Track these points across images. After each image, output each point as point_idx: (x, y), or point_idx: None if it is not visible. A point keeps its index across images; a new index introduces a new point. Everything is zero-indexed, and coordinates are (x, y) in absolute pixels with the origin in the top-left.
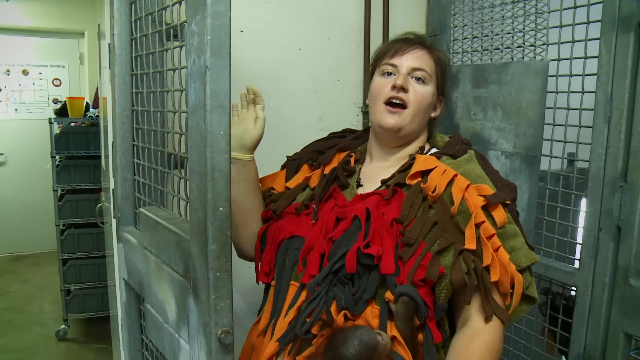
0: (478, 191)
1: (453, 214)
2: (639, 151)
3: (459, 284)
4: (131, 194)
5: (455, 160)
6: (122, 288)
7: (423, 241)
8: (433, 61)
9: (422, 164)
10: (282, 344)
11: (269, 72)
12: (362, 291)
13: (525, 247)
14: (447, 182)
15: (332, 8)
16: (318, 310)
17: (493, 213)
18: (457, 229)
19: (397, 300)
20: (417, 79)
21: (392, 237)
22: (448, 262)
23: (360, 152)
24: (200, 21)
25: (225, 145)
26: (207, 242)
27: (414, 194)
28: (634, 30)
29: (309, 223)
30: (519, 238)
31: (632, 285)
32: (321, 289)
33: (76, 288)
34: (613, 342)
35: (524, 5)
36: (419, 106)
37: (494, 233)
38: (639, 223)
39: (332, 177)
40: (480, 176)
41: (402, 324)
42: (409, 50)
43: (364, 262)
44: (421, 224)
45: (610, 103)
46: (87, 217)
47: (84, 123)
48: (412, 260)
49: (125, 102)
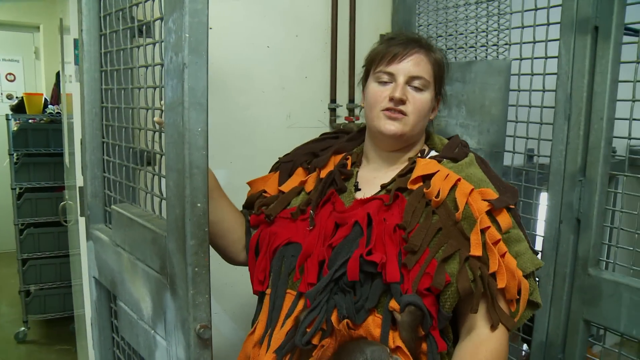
0: (482, 196)
1: (458, 219)
2: (596, 147)
3: (466, 292)
4: (101, 192)
5: (456, 164)
6: (93, 286)
7: (427, 248)
8: (431, 64)
9: (424, 168)
10: (280, 356)
11: (237, 70)
12: (364, 300)
13: (530, 252)
14: (451, 186)
15: (300, 6)
16: (319, 320)
17: (498, 218)
18: (462, 235)
19: (403, 309)
20: (415, 87)
21: (395, 244)
22: (454, 269)
23: (356, 154)
24: (178, 19)
25: (203, 142)
26: (185, 238)
27: (416, 199)
28: (591, 33)
29: (305, 229)
30: (523, 243)
31: (590, 274)
32: (321, 297)
33: (36, 289)
34: (573, 329)
35: (487, 6)
36: (419, 114)
37: (500, 238)
38: (597, 216)
39: (329, 181)
40: (483, 180)
41: (407, 334)
42: (406, 57)
43: (367, 270)
44: (425, 230)
45: (569, 101)
46: (47, 215)
47: (42, 120)
48: (417, 268)
49: (94, 98)
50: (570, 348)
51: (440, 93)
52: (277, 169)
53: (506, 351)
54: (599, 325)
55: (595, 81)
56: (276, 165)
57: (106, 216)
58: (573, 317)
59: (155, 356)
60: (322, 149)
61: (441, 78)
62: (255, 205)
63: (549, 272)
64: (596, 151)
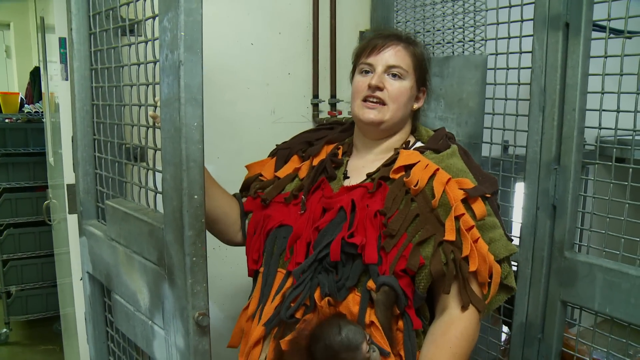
0: (459, 185)
1: (434, 207)
2: (570, 137)
3: (438, 274)
4: (93, 188)
5: (438, 154)
6: (87, 281)
7: (405, 233)
8: (409, 56)
9: (406, 158)
10: (268, 328)
11: (223, 67)
12: (345, 279)
13: (504, 238)
14: (429, 176)
15: (282, 4)
16: (302, 296)
17: (473, 206)
18: (438, 221)
19: (378, 289)
20: (393, 75)
21: (375, 228)
22: (428, 253)
23: (347, 144)
24: (173, 18)
25: (199, 136)
26: (183, 229)
27: (397, 187)
28: (562, 29)
29: (297, 213)
30: (498, 230)
31: (566, 257)
32: (306, 275)
33: (18, 289)
34: (551, 310)
35: (464, 3)
36: (396, 101)
37: (474, 225)
38: (572, 202)
39: (321, 169)
40: (462, 170)
41: (381, 312)
42: (384, 48)
43: (348, 251)
44: (403, 216)
45: (544, 94)
46: (27, 215)
47: (19, 119)
48: (394, 251)
49: (85, 96)
50: (548, 328)
51: (425, 85)
52: (275, 155)
53: (476, 331)
54: (575, 305)
55: (567, 75)
56: (274, 151)
57: (98, 212)
58: (551, 298)
59: (153, 346)
60: (317, 138)
61: (422, 69)
62: (252, 188)
63: (527, 257)
64: (569, 140)
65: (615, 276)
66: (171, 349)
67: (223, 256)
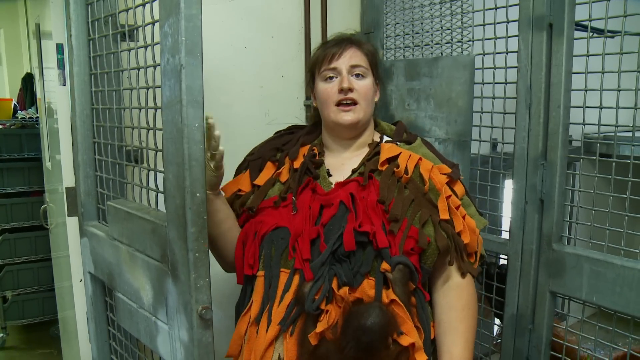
0: (440, 170)
1: (425, 191)
2: (555, 133)
3: (445, 248)
4: (94, 190)
5: (410, 146)
6: (88, 281)
7: (405, 217)
8: (364, 55)
9: (388, 151)
10: (284, 327)
11: (218, 70)
12: (359, 266)
13: (477, 214)
14: (414, 164)
15: (275, 9)
16: (325, 287)
17: (454, 188)
18: (431, 204)
19: (394, 269)
20: (357, 75)
21: (379, 216)
22: (430, 231)
23: (318, 145)
24: (174, 23)
25: (200, 137)
26: (186, 226)
27: (387, 177)
28: (546, 30)
29: (289, 214)
30: (472, 207)
31: (555, 249)
32: (323, 269)
33: (14, 294)
34: (541, 301)
35: (451, 6)
36: (366, 98)
37: (460, 204)
38: (558, 195)
39: (304, 170)
40: (434, 158)
41: (399, 289)
42: (343, 52)
43: (359, 240)
44: (401, 202)
45: (530, 92)
46: (23, 220)
47: (13, 125)
48: (400, 234)
49: (85, 100)
50: (538, 319)
51: (378, 78)
52: (247, 168)
53: (475, 292)
54: (564, 295)
55: (552, 73)
56: (243, 165)
57: (99, 213)
58: (540, 289)
59: (157, 341)
60: (283, 143)
61: (376, 65)
62: (236, 206)
63: (517, 250)
64: (555, 136)
65: (601, 266)
66: (175, 343)
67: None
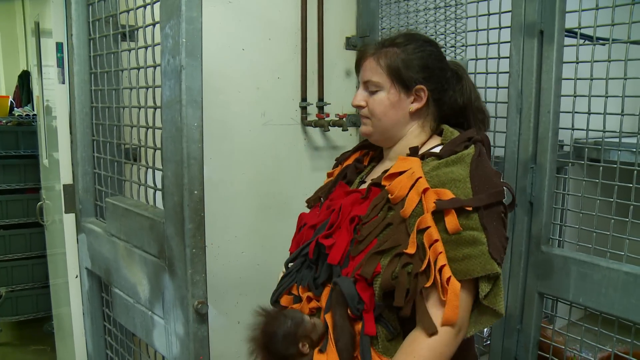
0: (437, 195)
1: (404, 217)
2: (545, 137)
3: (386, 284)
4: (92, 187)
5: (439, 161)
6: (85, 277)
7: (375, 239)
8: (379, 66)
9: (399, 165)
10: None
11: (216, 71)
12: (319, 276)
13: (486, 256)
14: (410, 185)
15: (272, 12)
16: (286, 284)
17: (446, 219)
18: (406, 232)
19: (332, 289)
20: (371, 91)
21: (349, 233)
22: (386, 262)
23: (379, 150)
24: (175, 25)
25: (199, 136)
26: (183, 223)
27: (382, 195)
28: (537, 36)
29: (316, 213)
30: (479, 247)
31: (543, 251)
32: (293, 267)
33: (8, 291)
34: (529, 302)
35: (445, 12)
36: (375, 113)
37: (438, 239)
38: (547, 198)
39: (343, 174)
40: (455, 179)
41: (339, 310)
42: (362, 63)
43: (322, 251)
44: (376, 224)
45: (520, 97)
46: (18, 217)
47: (9, 122)
48: (361, 256)
49: (84, 99)
50: (527, 319)
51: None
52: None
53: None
54: (551, 296)
55: (542, 79)
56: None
57: (97, 210)
58: (529, 290)
59: (153, 335)
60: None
61: (398, 73)
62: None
63: (506, 251)
64: (545, 141)
65: (588, 268)
66: (171, 337)
67: (215, 253)
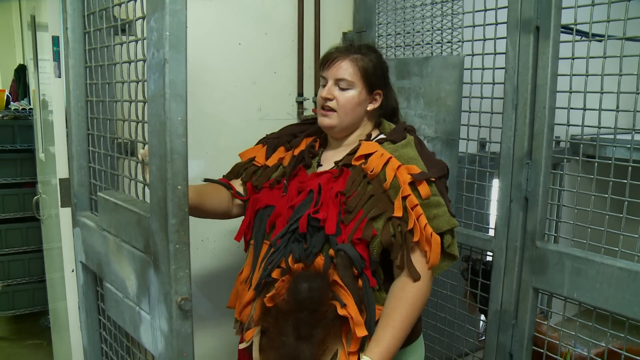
0: (407, 170)
1: (386, 188)
2: (540, 133)
3: (387, 243)
4: (87, 181)
5: (394, 145)
6: (80, 271)
7: (361, 209)
8: (355, 67)
9: (365, 148)
10: (257, 292)
11: (212, 66)
12: (312, 247)
13: (447, 214)
14: (383, 163)
15: (269, 6)
16: (277, 259)
17: (419, 188)
18: (389, 200)
19: (337, 254)
20: (341, 88)
21: (336, 206)
22: (380, 226)
23: (324, 137)
24: (159, 18)
25: (183, 130)
26: (167, 218)
27: (356, 172)
28: (533, 32)
29: (280, 195)
30: (442, 207)
31: (538, 247)
32: (281, 244)
33: (4, 285)
34: (524, 297)
35: (442, 7)
36: (344, 108)
37: (418, 203)
38: (542, 194)
39: (300, 158)
40: (413, 158)
41: (341, 272)
42: (333, 64)
43: (313, 225)
44: (360, 196)
45: (516, 92)
46: (14, 212)
47: (6, 116)
48: (352, 224)
49: (80, 93)
50: (521, 314)
51: (379, 88)
52: (265, 143)
53: (427, 287)
54: (546, 291)
55: (538, 75)
56: (263, 139)
57: (91, 203)
58: (524, 285)
59: (140, 330)
60: (300, 131)
61: (370, 77)
62: (247, 173)
63: (501, 247)
64: (540, 136)
65: (582, 263)
66: (156, 333)
67: (211, 248)
